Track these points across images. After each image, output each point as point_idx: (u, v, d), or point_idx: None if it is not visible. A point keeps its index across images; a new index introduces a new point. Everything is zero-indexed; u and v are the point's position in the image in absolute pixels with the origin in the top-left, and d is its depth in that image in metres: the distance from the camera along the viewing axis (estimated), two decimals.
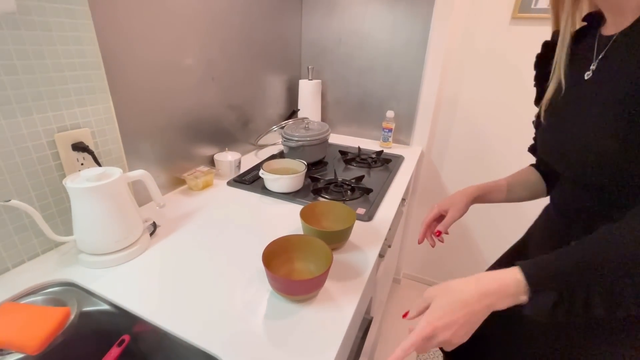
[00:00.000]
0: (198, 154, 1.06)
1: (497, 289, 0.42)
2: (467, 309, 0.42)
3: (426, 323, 0.44)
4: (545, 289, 0.40)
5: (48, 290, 0.60)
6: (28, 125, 0.60)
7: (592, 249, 0.40)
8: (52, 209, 0.67)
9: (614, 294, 0.37)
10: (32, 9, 0.57)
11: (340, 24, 1.43)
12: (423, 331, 0.43)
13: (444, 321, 0.43)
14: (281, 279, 0.55)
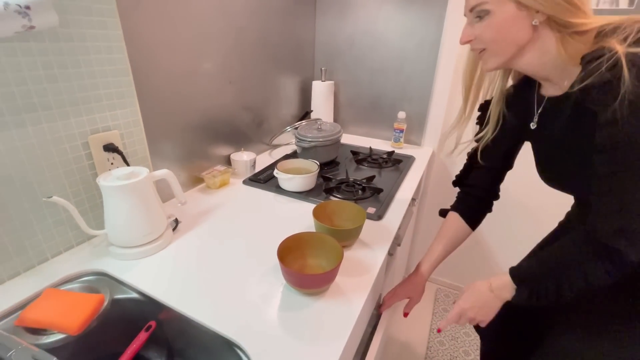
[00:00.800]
0: (215, 154, 1.11)
1: (499, 285, 0.64)
2: (482, 297, 0.65)
3: (456, 305, 0.69)
4: (521, 286, 0.60)
5: (83, 278, 0.66)
6: (66, 128, 0.66)
7: (549, 257, 0.58)
8: (85, 205, 0.73)
9: (560, 288, 0.54)
10: (70, 22, 0.63)
11: (353, 25, 1.46)
12: (454, 311, 0.68)
13: (467, 304, 0.67)
14: (294, 273, 0.59)
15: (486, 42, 0.56)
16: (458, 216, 0.84)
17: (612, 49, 0.44)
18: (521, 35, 0.53)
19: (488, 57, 0.58)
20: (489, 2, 0.52)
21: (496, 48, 0.56)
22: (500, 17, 0.52)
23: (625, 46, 0.43)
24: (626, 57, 0.42)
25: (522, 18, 0.52)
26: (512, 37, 0.54)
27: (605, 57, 0.44)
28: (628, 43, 0.43)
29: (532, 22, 0.52)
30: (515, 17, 0.52)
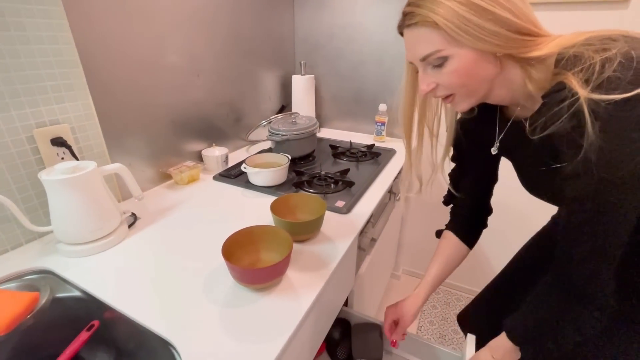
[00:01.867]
0: (186, 150, 1.08)
1: (502, 353, 0.59)
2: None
3: None
4: (524, 347, 0.57)
5: (25, 277, 0.63)
6: (6, 121, 0.64)
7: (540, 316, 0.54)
8: (33, 200, 0.70)
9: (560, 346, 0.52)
10: (5, 10, 0.60)
11: (332, 18, 1.43)
12: None
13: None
14: (236, 268, 0.56)
15: (454, 88, 0.52)
16: (453, 235, 0.80)
17: (574, 91, 0.40)
18: (489, 71, 0.50)
19: (459, 101, 0.55)
20: (445, 48, 0.48)
21: (467, 91, 0.53)
22: (463, 60, 0.49)
23: (588, 90, 0.39)
24: (588, 105, 0.39)
25: (485, 54, 0.48)
26: (481, 76, 0.50)
27: (566, 102, 0.41)
28: (591, 87, 0.39)
29: (495, 54, 0.48)
30: (477, 56, 0.48)
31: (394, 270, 1.84)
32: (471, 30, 0.46)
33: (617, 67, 0.38)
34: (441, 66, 0.50)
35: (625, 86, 0.37)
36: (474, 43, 0.47)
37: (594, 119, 0.38)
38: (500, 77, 0.51)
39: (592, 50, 0.41)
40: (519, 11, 0.46)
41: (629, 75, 0.37)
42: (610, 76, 0.38)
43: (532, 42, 0.47)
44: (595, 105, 0.38)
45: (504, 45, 0.47)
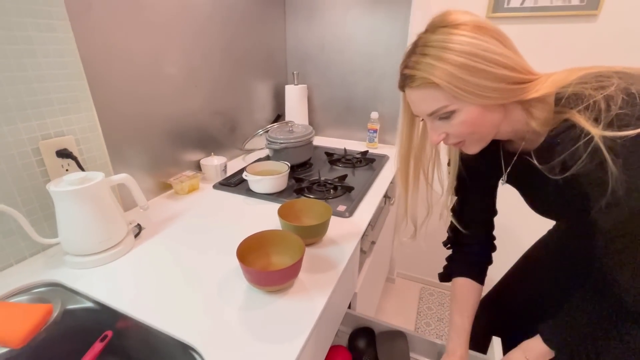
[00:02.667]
0: (185, 160, 1.09)
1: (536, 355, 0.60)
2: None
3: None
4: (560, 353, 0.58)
5: (34, 290, 0.63)
6: (13, 133, 0.64)
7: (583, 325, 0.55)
8: (38, 213, 0.70)
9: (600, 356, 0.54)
10: (13, 24, 0.61)
11: (322, 29, 1.48)
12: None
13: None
14: (253, 270, 0.57)
15: (464, 136, 0.54)
16: (464, 279, 0.77)
17: (585, 130, 0.42)
18: (496, 117, 0.52)
19: (470, 145, 0.57)
20: (451, 104, 0.50)
21: (476, 137, 0.55)
22: (470, 114, 0.51)
23: (600, 129, 0.41)
24: (604, 143, 0.41)
25: (489, 105, 0.51)
26: (488, 123, 0.53)
27: (581, 142, 0.43)
28: (602, 125, 0.41)
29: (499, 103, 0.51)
30: (482, 108, 0.50)
31: (389, 274, 1.88)
32: (471, 89, 0.48)
33: (622, 104, 0.40)
34: (449, 118, 0.52)
35: (635, 122, 0.39)
36: (475, 100, 0.49)
37: (614, 156, 0.40)
38: (506, 119, 0.54)
39: (590, 89, 0.43)
40: (515, 64, 0.48)
41: (636, 111, 0.40)
42: (619, 113, 0.40)
43: (531, 85, 0.49)
44: (612, 142, 0.40)
45: (506, 97, 0.49)
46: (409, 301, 1.77)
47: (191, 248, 0.75)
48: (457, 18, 0.50)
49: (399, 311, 1.71)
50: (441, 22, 0.51)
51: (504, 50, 0.48)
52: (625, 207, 0.42)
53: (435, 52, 0.49)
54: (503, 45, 0.49)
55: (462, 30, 0.48)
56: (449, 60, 0.47)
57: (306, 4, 1.46)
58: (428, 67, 0.49)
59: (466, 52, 0.47)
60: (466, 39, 0.48)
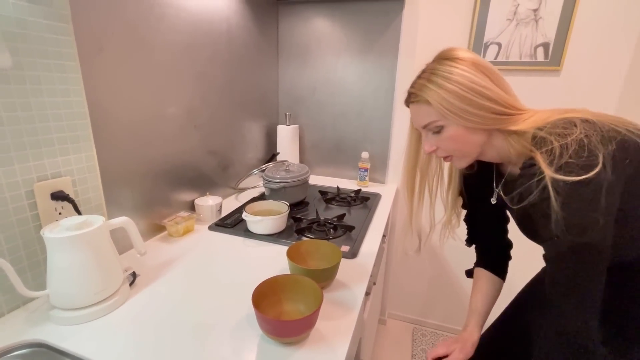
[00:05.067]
0: (179, 200, 1.05)
1: None
2: None
3: None
4: None
5: (15, 353, 0.55)
6: (7, 175, 0.59)
7: None
8: (23, 262, 0.63)
9: None
10: (24, 64, 0.59)
11: (314, 74, 1.56)
12: None
13: None
14: (272, 321, 0.54)
15: (451, 151, 0.64)
16: (484, 271, 0.84)
17: (541, 170, 0.50)
18: (477, 139, 0.61)
19: (457, 160, 0.66)
20: (439, 120, 0.60)
21: (461, 153, 0.64)
22: (455, 131, 0.60)
23: (552, 170, 0.49)
24: (552, 182, 0.48)
25: (472, 128, 0.59)
26: (471, 143, 0.62)
27: (535, 178, 0.50)
28: (554, 168, 0.49)
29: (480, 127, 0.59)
30: (465, 129, 0.60)
31: (380, 315, 1.83)
32: (456, 112, 0.58)
33: (572, 153, 0.48)
34: (439, 133, 0.62)
35: (578, 171, 0.47)
36: (459, 121, 0.59)
37: (557, 194, 0.48)
38: (489, 143, 0.62)
39: (555, 135, 0.51)
40: (499, 98, 0.57)
41: (581, 161, 0.47)
42: (568, 162, 0.48)
43: (512, 119, 0.58)
44: (557, 184, 0.48)
45: (487, 124, 0.58)
46: (402, 344, 1.71)
47: (192, 296, 0.70)
48: (459, 54, 0.60)
49: (394, 355, 1.64)
50: (446, 55, 0.62)
51: (491, 86, 0.57)
52: (565, 240, 0.49)
53: (434, 78, 0.60)
54: (492, 81, 0.58)
55: (461, 65, 0.59)
56: (443, 86, 0.58)
57: (299, 51, 1.54)
58: (426, 89, 0.60)
59: (458, 82, 0.57)
60: (461, 72, 0.58)
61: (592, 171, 0.46)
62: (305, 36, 1.52)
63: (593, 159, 0.47)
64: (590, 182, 0.46)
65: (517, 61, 1.31)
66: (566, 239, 0.49)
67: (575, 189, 0.47)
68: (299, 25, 1.51)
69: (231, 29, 1.20)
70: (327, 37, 1.49)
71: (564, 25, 1.22)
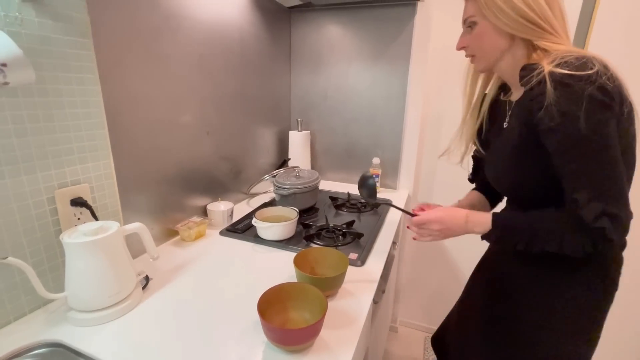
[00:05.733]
0: (191, 205, 1.08)
1: (476, 220, 0.69)
2: (454, 220, 0.71)
3: (428, 213, 0.73)
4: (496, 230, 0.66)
5: (34, 352, 0.58)
6: (31, 182, 0.63)
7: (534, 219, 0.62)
8: (44, 265, 0.67)
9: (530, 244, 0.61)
10: (47, 78, 0.63)
11: (326, 80, 1.57)
12: (425, 216, 0.73)
13: (438, 218, 0.72)
14: (277, 329, 0.55)
15: (475, 50, 0.69)
16: (477, 192, 0.95)
17: (541, 66, 0.55)
18: (501, 42, 0.64)
19: (477, 61, 0.71)
20: (475, 15, 0.64)
21: (482, 53, 0.68)
22: (484, 28, 0.64)
23: (552, 66, 0.54)
24: (550, 75, 0.53)
25: (501, 30, 0.63)
26: (495, 44, 0.65)
27: (535, 71, 0.56)
28: (554, 64, 0.54)
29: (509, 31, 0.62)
30: (495, 29, 0.63)
31: (392, 322, 1.81)
32: (493, 9, 0.61)
33: (571, 59, 0.54)
34: (472, 28, 0.66)
35: (573, 68, 0.53)
36: (492, 18, 0.62)
37: (551, 80, 0.53)
38: (510, 52, 0.65)
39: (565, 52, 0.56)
40: (540, 10, 0.59)
41: (579, 62, 0.53)
42: (567, 60, 0.54)
43: (544, 35, 0.60)
44: (554, 75, 0.53)
45: (515, 28, 0.60)
46: (413, 352, 1.68)
47: (201, 301, 0.72)
48: None
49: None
50: None
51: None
52: (566, 131, 0.53)
53: None
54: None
55: None
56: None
57: (312, 57, 1.56)
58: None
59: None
60: None
61: (587, 71, 0.52)
62: (318, 43, 1.53)
63: (590, 65, 0.52)
64: (583, 77, 0.51)
65: None
66: (565, 130, 0.53)
67: (567, 79, 0.52)
68: (311, 32, 1.53)
69: (244, 37, 1.23)
70: (339, 44, 1.50)
71: (583, 27, 1.19)
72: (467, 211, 0.71)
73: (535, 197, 0.67)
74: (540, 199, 0.65)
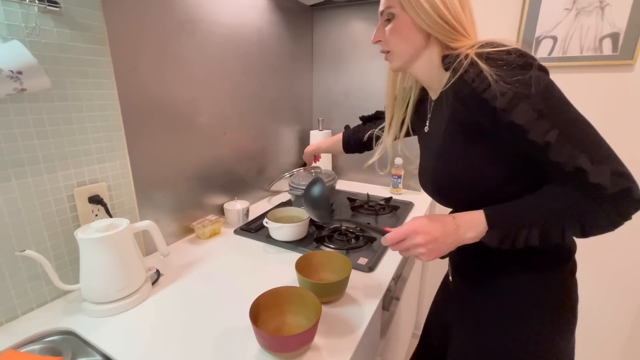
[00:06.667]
0: (209, 204, 1.11)
1: (467, 223, 0.56)
2: (444, 228, 0.56)
3: (411, 223, 0.57)
4: (496, 229, 0.54)
5: (48, 339, 0.62)
6: (52, 181, 0.68)
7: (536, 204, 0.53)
8: (64, 257, 0.72)
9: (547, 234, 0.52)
10: (66, 84, 0.68)
11: (348, 79, 1.53)
12: (406, 227, 0.57)
13: (424, 228, 0.56)
14: (266, 335, 0.54)
15: (390, 45, 0.64)
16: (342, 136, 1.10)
17: (464, 52, 0.52)
18: (418, 40, 0.61)
19: (392, 58, 0.66)
20: (394, 7, 0.60)
21: (398, 49, 0.63)
22: (402, 22, 0.60)
23: (474, 49, 0.51)
24: (478, 56, 0.50)
25: (418, 27, 0.59)
26: (411, 41, 0.61)
27: (461, 57, 0.52)
28: (475, 48, 0.51)
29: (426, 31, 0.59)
30: (412, 24, 0.59)
31: (415, 329, 1.73)
32: (414, 3, 0.57)
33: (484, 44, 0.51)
34: (389, 21, 0.62)
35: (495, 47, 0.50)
36: (412, 13, 0.58)
37: (483, 60, 0.50)
38: (425, 52, 0.62)
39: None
40: (454, 10, 0.57)
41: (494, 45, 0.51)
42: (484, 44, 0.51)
43: (456, 36, 0.57)
44: (480, 56, 0.50)
45: (433, 28, 0.57)
46: None
47: (206, 299, 0.73)
48: None
49: None
50: None
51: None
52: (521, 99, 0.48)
53: None
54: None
55: None
56: None
57: (334, 56, 1.53)
58: None
59: None
60: None
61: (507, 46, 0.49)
62: (340, 40, 1.50)
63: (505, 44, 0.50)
64: (510, 51, 0.49)
65: (577, 56, 1.14)
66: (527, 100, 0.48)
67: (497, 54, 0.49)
68: (333, 30, 1.51)
69: (263, 39, 1.23)
70: (362, 41, 1.45)
71: (638, 11, 1.04)
72: (451, 214, 0.58)
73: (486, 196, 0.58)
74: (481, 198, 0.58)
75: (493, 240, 0.54)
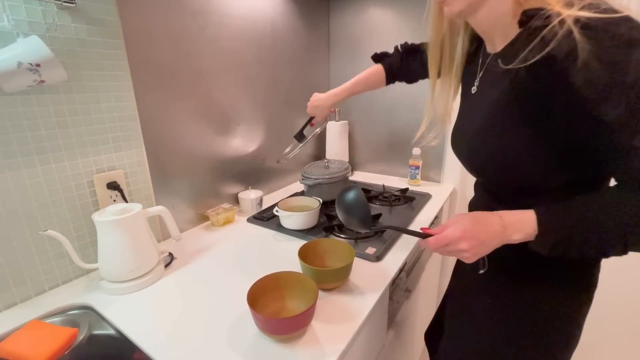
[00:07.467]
0: (224, 192, 1.14)
1: (515, 223, 0.51)
2: (490, 231, 0.51)
3: (455, 230, 0.52)
4: (548, 234, 0.48)
5: (69, 312, 0.68)
6: (73, 168, 0.73)
7: (591, 211, 0.47)
8: (86, 239, 0.77)
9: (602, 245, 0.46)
10: (84, 76, 0.72)
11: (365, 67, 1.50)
12: (452, 235, 0.52)
13: (470, 233, 0.51)
14: (260, 317, 0.55)
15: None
16: (381, 70, 0.99)
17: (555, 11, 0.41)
18: None
19: (451, 1, 0.54)
20: None
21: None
22: None
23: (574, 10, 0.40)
24: (576, 23, 0.39)
25: None
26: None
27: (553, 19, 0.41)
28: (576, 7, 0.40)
29: None
30: None
31: None
32: None
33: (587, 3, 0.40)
34: None
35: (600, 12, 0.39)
36: None
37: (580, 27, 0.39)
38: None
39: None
40: None
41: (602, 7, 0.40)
42: (586, 4, 0.40)
43: None
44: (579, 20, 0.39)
45: None
46: None
47: (215, 283, 0.75)
48: None
49: None
50: None
51: None
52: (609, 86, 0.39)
53: None
54: None
55: None
56: None
57: (350, 44, 1.51)
58: None
59: None
60: None
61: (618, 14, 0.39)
62: (357, 29, 1.47)
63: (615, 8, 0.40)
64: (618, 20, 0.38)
65: None
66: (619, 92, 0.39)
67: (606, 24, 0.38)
68: (350, 18, 1.48)
69: (276, 30, 1.24)
70: (379, 29, 1.42)
71: None
72: (498, 212, 0.52)
73: (525, 183, 0.54)
74: (530, 187, 0.54)
75: (543, 248, 0.49)
